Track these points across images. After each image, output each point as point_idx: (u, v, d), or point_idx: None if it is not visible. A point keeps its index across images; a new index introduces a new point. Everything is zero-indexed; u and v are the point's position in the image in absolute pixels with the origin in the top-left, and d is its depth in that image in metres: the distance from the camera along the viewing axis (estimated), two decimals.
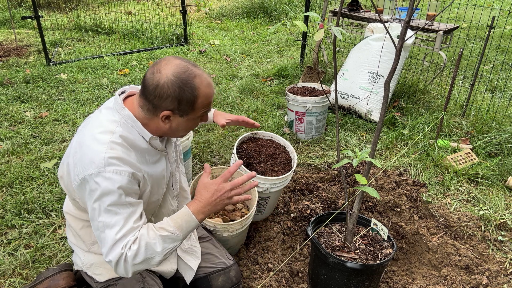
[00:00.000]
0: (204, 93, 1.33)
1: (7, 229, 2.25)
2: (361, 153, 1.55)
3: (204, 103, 1.35)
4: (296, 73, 4.56)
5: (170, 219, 1.35)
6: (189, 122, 1.38)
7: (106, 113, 1.36)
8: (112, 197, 1.25)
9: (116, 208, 1.26)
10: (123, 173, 1.26)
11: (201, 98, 1.32)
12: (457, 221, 2.36)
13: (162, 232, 1.30)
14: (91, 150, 1.27)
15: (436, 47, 3.64)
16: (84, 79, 4.35)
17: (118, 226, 1.26)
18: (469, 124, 3.40)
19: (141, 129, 1.35)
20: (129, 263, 1.26)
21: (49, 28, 6.08)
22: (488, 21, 3.41)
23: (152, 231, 1.30)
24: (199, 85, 1.31)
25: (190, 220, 1.35)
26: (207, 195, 1.37)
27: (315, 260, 1.86)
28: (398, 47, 1.53)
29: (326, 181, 2.75)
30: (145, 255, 1.27)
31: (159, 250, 1.28)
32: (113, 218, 1.26)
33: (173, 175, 1.57)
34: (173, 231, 1.31)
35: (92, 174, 1.25)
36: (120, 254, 1.24)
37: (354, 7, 4.35)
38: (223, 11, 7.66)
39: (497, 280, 2.01)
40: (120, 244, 1.25)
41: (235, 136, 3.33)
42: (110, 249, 1.25)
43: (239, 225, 1.87)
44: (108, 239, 1.26)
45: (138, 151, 1.35)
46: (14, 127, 3.35)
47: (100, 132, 1.30)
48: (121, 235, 1.25)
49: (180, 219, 1.34)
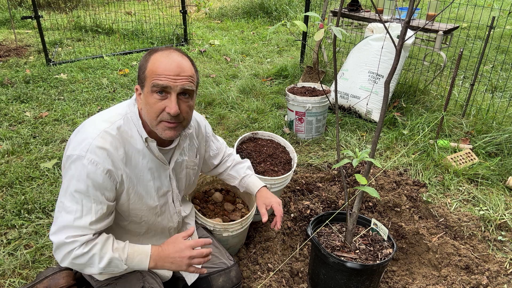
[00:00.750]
0: (155, 59, 1.28)
1: (7, 229, 2.25)
2: (361, 153, 1.54)
3: (153, 70, 1.27)
4: (296, 73, 4.56)
5: (130, 248, 1.35)
6: (146, 99, 1.30)
7: (119, 106, 1.40)
8: (79, 184, 1.26)
9: (80, 196, 1.27)
10: (99, 166, 1.26)
11: (150, 65, 1.28)
12: (457, 221, 2.36)
13: (115, 254, 1.31)
14: (85, 133, 1.30)
15: (436, 47, 3.64)
16: (84, 79, 4.35)
17: (74, 215, 1.27)
18: (469, 124, 3.40)
19: (140, 128, 1.35)
20: (69, 258, 1.27)
21: (49, 28, 6.08)
22: (488, 21, 3.41)
23: (109, 247, 1.31)
24: (158, 53, 1.29)
25: (143, 261, 1.36)
26: (171, 250, 1.38)
27: (315, 260, 1.86)
28: (398, 47, 1.53)
29: (326, 181, 2.75)
30: (87, 262, 1.28)
31: (101, 266, 1.29)
32: (73, 204, 1.27)
33: (173, 191, 1.53)
34: (123, 260, 1.33)
35: (74, 155, 1.26)
36: (64, 243, 1.25)
37: (354, 7, 4.35)
38: (223, 11, 7.66)
39: (497, 280, 2.01)
40: (68, 232, 1.26)
41: (235, 136, 3.33)
42: (57, 231, 1.27)
43: (239, 225, 1.87)
44: (60, 221, 1.27)
45: (130, 149, 1.34)
46: (14, 127, 3.35)
47: (102, 119, 1.33)
48: (75, 224, 1.26)
49: (137, 254, 1.35)
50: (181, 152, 1.52)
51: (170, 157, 1.48)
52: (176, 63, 1.28)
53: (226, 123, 3.54)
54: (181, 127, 1.37)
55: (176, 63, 1.28)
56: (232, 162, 1.89)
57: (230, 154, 1.91)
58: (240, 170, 1.88)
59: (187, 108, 1.34)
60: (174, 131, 1.34)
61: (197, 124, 1.64)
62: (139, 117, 1.36)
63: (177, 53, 1.31)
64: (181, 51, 1.33)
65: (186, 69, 1.30)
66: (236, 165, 1.89)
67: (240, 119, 3.58)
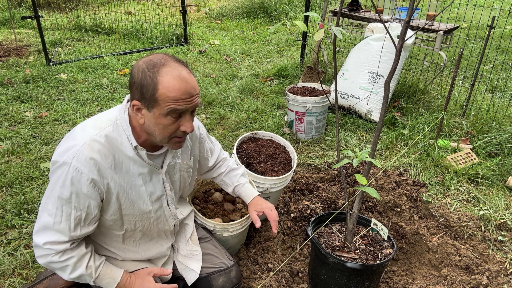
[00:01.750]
0: (167, 83, 1.21)
1: (7, 229, 2.25)
2: (361, 153, 1.54)
3: (167, 95, 1.21)
4: (296, 73, 4.56)
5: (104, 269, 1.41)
6: (158, 120, 1.26)
7: (110, 111, 1.38)
8: (63, 190, 1.26)
9: (61, 202, 1.28)
10: (84, 175, 1.25)
11: (163, 89, 1.21)
12: (457, 221, 2.36)
13: (87, 271, 1.36)
14: (73, 139, 1.30)
15: (436, 47, 3.64)
16: (84, 79, 4.35)
17: (54, 219, 1.29)
18: (469, 124, 3.40)
19: (130, 135, 1.33)
20: (44, 261, 1.32)
21: (49, 28, 6.08)
22: (488, 21, 3.41)
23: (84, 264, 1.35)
24: (165, 74, 1.21)
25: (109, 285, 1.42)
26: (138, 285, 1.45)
27: (315, 260, 1.86)
28: (398, 47, 1.53)
29: (326, 181, 2.75)
30: (60, 268, 1.34)
31: (70, 277, 1.35)
32: (54, 208, 1.29)
33: (168, 195, 1.52)
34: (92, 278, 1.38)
35: (61, 161, 1.26)
36: (41, 248, 1.30)
37: (354, 7, 4.35)
38: (223, 11, 7.66)
39: (497, 280, 2.01)
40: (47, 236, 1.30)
41: (235, 136, 3.33)
42: (38, 231, 1.31)
43: (239, 225, 1.87)
44: (42, 221, 1.31)
45: (120, 156, 1.33)
46: (14, 127, 3.35)
47: (91, 125, 1.32)
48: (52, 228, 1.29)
49: (107, 276, 1.41)
50: (174, 155, 1.50)
51: (163, 160, 1.47)
52: (190, 85, 1.25)
53: (226, 123, 3.54)
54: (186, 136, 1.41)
55: (190, 85, 1.25)
56: (227, 168, 1.85)
57: (224, 159, 1.87)
58: (234, 178, 1.85)
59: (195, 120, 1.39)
60: (182, 143, 1.39)
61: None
62: (129, 125, 1.33)
63: (185, 70, 1.25)
64: (184, 63, 1.28)
65: (196, 87, 1.28)
66: (230, 172, 1.85)
67: (240, 119, 3.58)
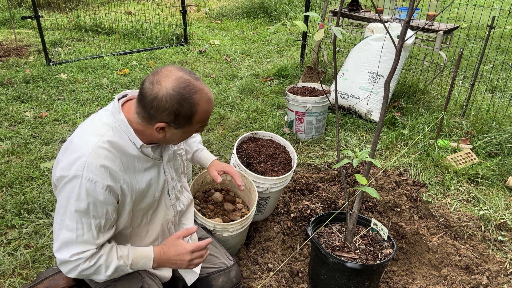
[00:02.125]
0: (203, 109, 1.31)
1: (7, 229, 2.25)
2: (361, 153, 1.54)
3: (202, 118, 1.33)
4: (296, 73, 4.56)
5: (133, 252, 1.41)
6: (184, 134, 1.37)
7: (102, 115, 1.36)
8: (79, 203, 1.25)
9: (80, 215, 1.27)
10: (98, 183, 1.25)
11: (199, 114, 1.31)
12: (457, 221, 2.36)
13: (121, 262, 1.36)
14: (77, 151, 1.27)
15: (436, 47, 3.64)
16: (84, 79, 4.35)
17: (76, 232, 1.28)
18: (469, 124, 3.40)
19: (132, 136, 1.33)
20: (76, 272, 1.31)
21: (49, 28, 6.08)
22: (488, 21, 3.41)
23: (114, 257, 1.35)
24: (199, 100, 1.29)
25: (147, 264, 1.44)
26: (172, 253, 1.46)
27: (315, 260, 1.86)
28: (398, 47, 1.53)
29: (326, 181, 2.75)
30: (94, 272, 1.33)
31: (107, 274, 1.34)
32: (73, 223, 1.27)
33: (169, 184, 1.54)
34: (128, 265, 1.38)
35: (70, 175, 1.25)
36: (68, 261, 1.29)
37: (354, 7, 4.35)
38: (223, 11, 7.66)
39: (497, 280, 2.01)
40: (72, 250, 1.28)
41: (235, 136, 3.33)
42: (60, 248, 1.29)
43: (239, 225, 1.87)
44: (62, 238, 1.28)
45: (126, 157, 1.34)
46: (14, 127, 3.35)
47: (90, 133, 1.30)
48: (76, 241, 1.28)
49: (140, 258, 1.42)
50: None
51: (161, 151, 1.49)
52: (213, 102, 1.36)
53: (226, 123, 3.54)
54: None
55: (213, 102, 1.36)
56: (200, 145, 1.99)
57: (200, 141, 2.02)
58: (192, 145, 1.95)
59: None
60: None
61: None
62: (129, 125, 1.33)
63: (207, 89, 1.33)
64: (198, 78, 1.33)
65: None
66: (188, 139, 1.95)
67: (240, 119, 3.58)
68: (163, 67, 1.31)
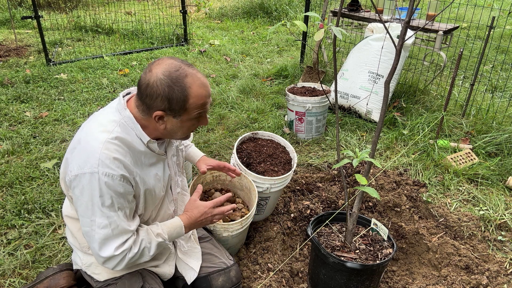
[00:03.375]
0: (196, 93, 1.30)
1: (7, 229, 2.25)
2: (361, 153, 1.55)
3: (197, 103, 1.31)
4: (296, 73, 4.56)
5: (165, 226, 1.46)
6: (184, 124, 1.36)
7: (108, 112, 1.37)
8: (103, 199, 1.27)
9: (108, 210, 1.29)
10: (115, 177, 1.27)
11: (193, 98, 1.29)
12: (457, 221, 2.36)
13: (159, 239, 1.42)
14: (87, 149, 1.28)
15: (436, 47, 3.64)
16: (84, 79, 4.35)
17: (111, 227, 1.30)
18: (469, 124, 3.40)
19: (139, 131, 1.35)
20: (124, 262, 1.35)
21: (49, 28, 6.08)
22: (488, 21, 3.41)
23: (153, 236, 1.41)
24: (191, 84, 1.28)
25: (180, 232, 1.49)
26: (197, 214, 1.53)
27: (315, 260, 1.86)
28: (398, 47, 1.53)
29: (326, 181, 2.75)
30: (140, 256, 1.39)
31: (151, 254, 1.41)
32: (105, 219, 1.29)
33: (172, 179, 1.57)
34: (166, 239, 1.44)
35: (86, 173, 1.25)
36: (113, 255, 1.31)
37: (354, 7, 4.35)
38: (223, 11, 7.66)
39: (497, 280, 2.01)
40: (113, 243, 1.31)
41: (235, 136, 3.33)
42: (101, 246, 1.31)
43: (239, 225, 1.87)
44: (98, 237, 1.30)
45: (134, 152, 1.35)
46: (14, 127, 3.35)
47: (98, 130, 1.31)
48: (113, 235, 1.31)
49: (173, 230, 1.47)
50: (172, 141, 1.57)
51: (165, 147, 1.51)
52: (208, 88, 1.35)
53: (226, 123, 3.54)
54: None
55: (208, 88, 1.35)
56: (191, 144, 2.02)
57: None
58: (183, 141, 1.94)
59: None
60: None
61: None
62: (135, 121, 1.35)
63: (200, 74, 1.33)
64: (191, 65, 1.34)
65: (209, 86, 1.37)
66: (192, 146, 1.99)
67: (240, 119, 3.58)
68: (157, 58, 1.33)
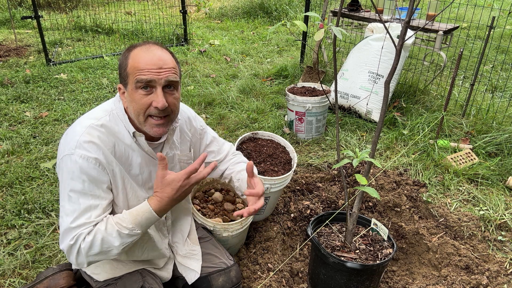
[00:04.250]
0: (135, 55, 1.27)
1: (7, 229, 2.25)
2: (361, 153, 1.54)
3: (135, 66, 1.26)
4: (296, 73, 4.56)
5: (130, 215, 1.29)
6: (131, 96, 1.29)
7: (105, 103, 1.41)
8: (74, 183, 1.25)
9: (77, 195, 1.25)
10: (90, 159, 1.25)
11: (131, 60, 1.27)
12: (457, 221, 2.36)
13: (121, 228, 1.27)
14: (72, 132, 1.30)
15: (436, 47, 3.64)
16: (84, 79, 4.35)
17: (74, 215, 1.25)
18: (469, 124, 3.40)
19: (127, 123, 1.35)
20: (82, 254, 1.25)
21: (49, 28, 6.08)
22: (488, 21, 3.41)
23: (111, 226, 1.27)
24: (137, 49, 1.28)
25: (151, 217, 1.31)
26: (171, 192, 1.30)
27: (315, 260, 1.86)
28: (398, 47, 1.53)
29: (326, 181, 2.75)
30: (101, 248, 1.25)
31: (116, 245, 1.27)
32: (71, 205, 1.26)
33: None
34: (132, 228, 1.28)
35: (65, 155, 1.26)
36: (69, 245, 1.24)
37: (354, 7, 4.35)
38: (223, 11, 7.66)
39: (497, 280, 2.01)
40: (71, 234, 1.24)
41: (235, 136, 3.33)
42: (62, 237, 1.26)
43: (239, 225, 1.87)
44: (62, 226, 1.27)
45: (119, 144, 1.34)
46: (14, 127, 3.35)
47: (86, 117, 1.34)
48: (74, 225, 1.24)
49: (140, 217, 1.29)
50: (171, 146, 1.51)
51: (160, 151, 1.47)
52: (157, 57, 1.27)
53: (226, 123, 3.54)
54: (169, 121, 1.36)
55: (157, 57, 1.27)
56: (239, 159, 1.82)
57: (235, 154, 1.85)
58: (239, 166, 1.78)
59: (174, 100, 1.33)
60: (162, 128, 1.33)
61: (186, 117, 1.61)
62: (125, 113, 1.36)
63: (156, 46, 1.31)
64: (160, 44, 1.33)
65: (168, 61, 1.29)
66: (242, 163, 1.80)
67: (240, 119, 3.58)
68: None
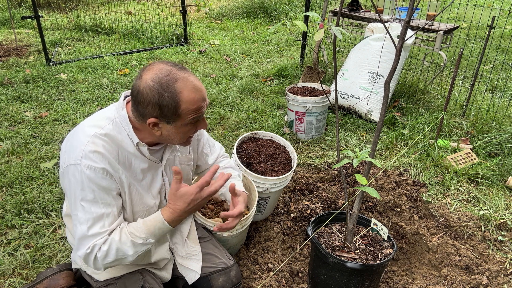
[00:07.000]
0: (188, 98, 1.25)
1: (7, 229, 2.25)
2: (361, 153, 1.54)
3: (190, 108, 1.26)
4: (296, 73, 4.56)
5: (144, 224, 1.35)
6: (180, 129, 1.32)
7: (106, 110, 1.39)
8: (85, 193, 1.27)
9: (88, 204, 1.28)
10: (97, 170, 1.26)
11: (185, 104, 1.25)
12: (457, 221, 2.36)
13: (135, 238, 1.33)
14: (76, 141, 1.29)
15: (436, 47, 3.64)
16: (84, 79, 4.35)
17: (88, 223, 1.28)
18: (469, 124, 3.40)
19: (131, 132, 1.34)
20: (99, 262, 1.31)
21: (49, 28, 6.08)
22: (488, 21, 3.41)
23: (125, 236, 1.32)
24: (182, 89, 1.23)
25: (164, 228, 1.37)
26: (183, 205, 1.35)
27: (315, 260, 1.86)
28: (398, 47, 1.53)
29: (326, 181, 2.75)
30: (116, 256, 1.31)
31: (131, 253, 1.33)
32: (84, 214, 1.28)
33: (166, 188, 1.52)
34: (145, 238, 1.34)
35: (71, 165, 1.26)
36: (86, 253, 1.28)
37: (354, 7, 4.35)
38: (223, 11, 7.66)
39: (497, 280, 2.01)
40: (87, 243, 1.28)
41: (235, 136, 3.33)
42: (78, 245, 1.30)
43: (239, 225, 1.87)
44: (77, 234, 1.29)
45: (123, 152, 1.34)
46: (14, 127, 3.35)
47: (89, 125, 1.32)
48: (89, 234, 1.28)
49: (154, 227, 1.35)
50: (173, 149, 1.53)
51: (162, 154, 1.49)
52: (202, 92, 1.29)
53: (226, 123, 3.54)
54: None
55: (202, 92, 1.29)
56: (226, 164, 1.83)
57: (225, 156, 1.88)
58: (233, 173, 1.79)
59: None
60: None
61: None
62: (129, 122, 1.34)
63: (192, 77, 1.27)
64: (187, 69, 1.30)
65: (204, 89, 1.32)
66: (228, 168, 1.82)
67: (240, 119, 3.58)
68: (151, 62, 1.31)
